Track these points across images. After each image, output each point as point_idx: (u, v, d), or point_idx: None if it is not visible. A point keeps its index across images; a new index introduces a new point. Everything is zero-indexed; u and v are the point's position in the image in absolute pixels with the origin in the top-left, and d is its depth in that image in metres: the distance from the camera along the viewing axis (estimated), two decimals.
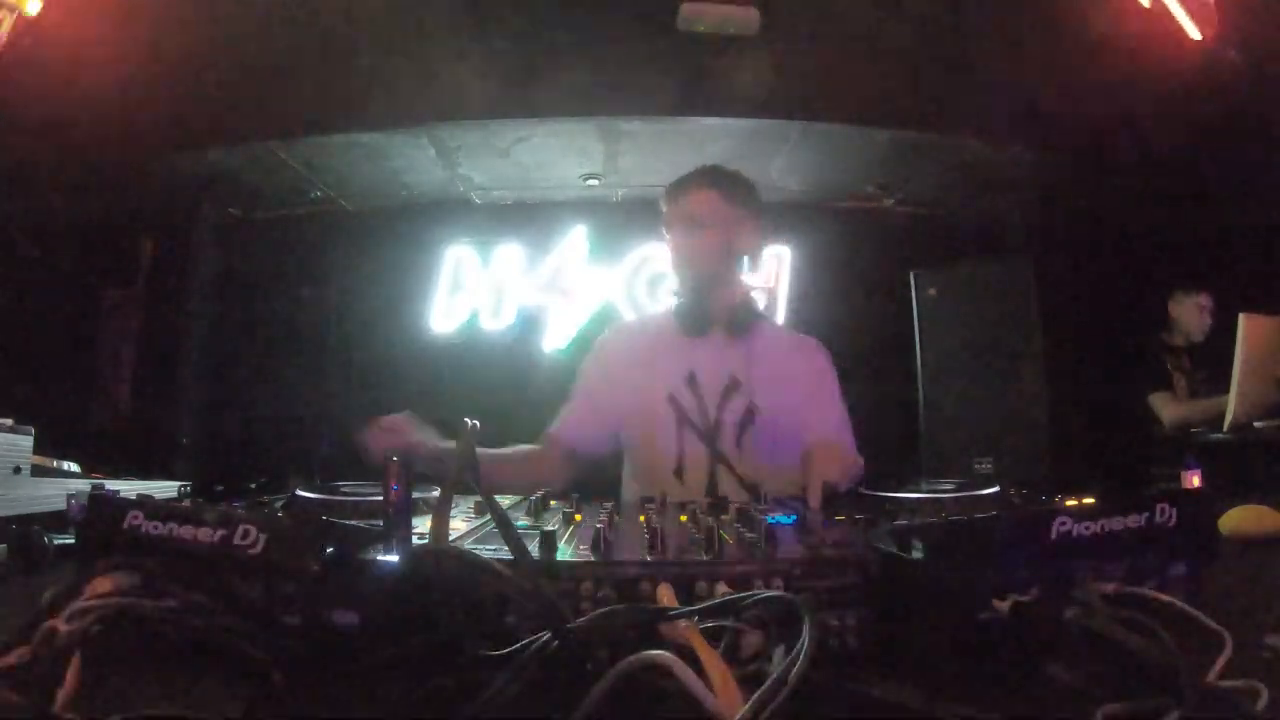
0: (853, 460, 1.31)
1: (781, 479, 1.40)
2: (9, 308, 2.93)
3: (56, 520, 0.99)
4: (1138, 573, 0.68)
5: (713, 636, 0.53)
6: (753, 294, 1.61)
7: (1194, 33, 2.09)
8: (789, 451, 1.45)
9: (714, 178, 1.52)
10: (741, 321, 1.49)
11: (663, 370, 1.49)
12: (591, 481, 1.59)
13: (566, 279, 3.64)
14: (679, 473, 1.46)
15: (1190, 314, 2.93)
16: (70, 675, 0.47)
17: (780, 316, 3.66)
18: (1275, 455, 2.08)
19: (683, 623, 0.53)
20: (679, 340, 1.51)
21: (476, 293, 3.66)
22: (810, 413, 1.49)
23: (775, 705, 0.40)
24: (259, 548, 0.62)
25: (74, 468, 1.14)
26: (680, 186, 1.52)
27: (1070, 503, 0.78)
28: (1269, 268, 2.65)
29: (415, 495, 0.61)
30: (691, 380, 1.47)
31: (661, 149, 3.12)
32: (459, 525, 0.80)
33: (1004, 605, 0.60)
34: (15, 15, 1.89)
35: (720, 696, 0.44)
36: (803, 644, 0.45)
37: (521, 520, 0.85)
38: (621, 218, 3.63)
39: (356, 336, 3.57)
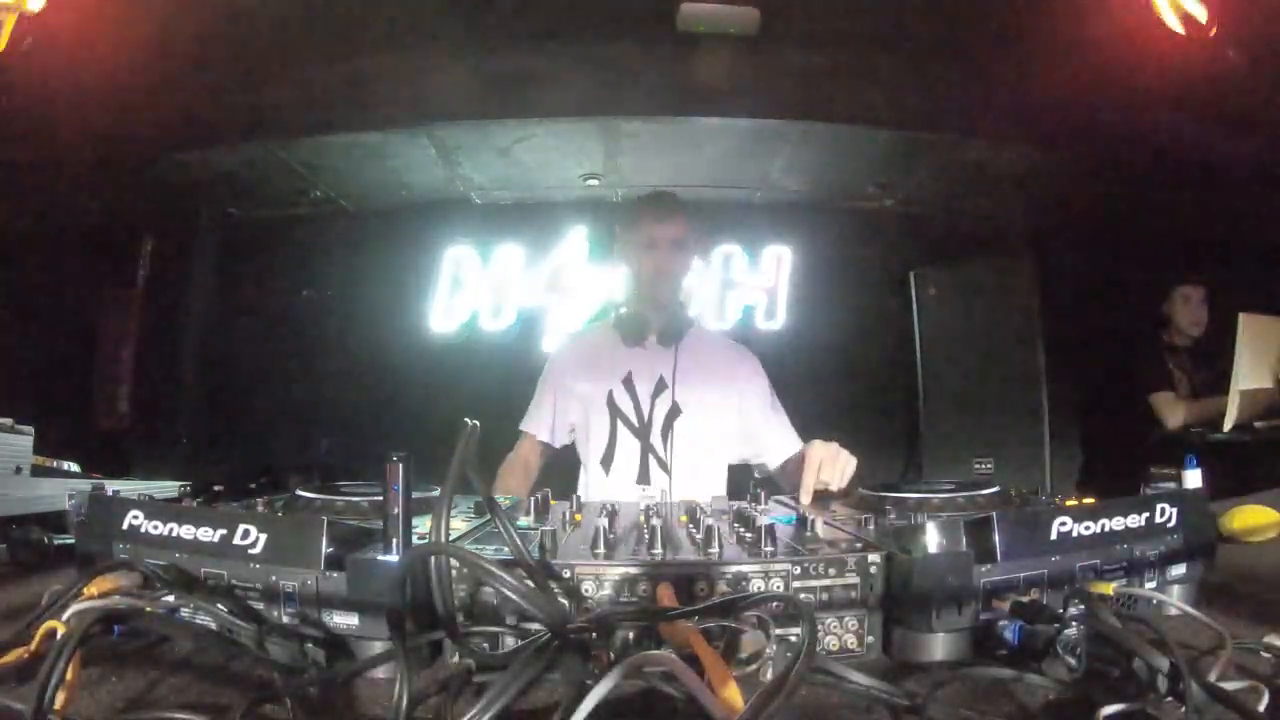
0: (846, 460, 1.34)
1: (698, 468, 1.65)
2: (9, 308, 2.93)
3: (56, 520, 0.99)
4: (1138, 573, 0.68)
5: (713, 636, 0.53)
6: (684, 305, 1.82)
7: (1193, 32, 2.09)
8: (706, 444, 1.67)
9: (679, 203, 1.77)
10: (673, 330, 1.70)
11: (604, 374, 1.72)
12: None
13: (566, 279, 3.63)
14: (605, 462, 1.66)
15: (1190, 314, 2.92)
16: (70, 675, 0.47)
17: (780, 316, 3.66)
18: (1275, 455, 2.08)
19: (683, 623, 0.53)
20: (619, 348, 1.73)
21: (476, 293, 3.65)
22: (762, 419, 1.69)
23: (775, 705, 0.40)
24: (259, 548, 0.63)
25: (74, 468, 1.15)
26: (661, 211, 1.73)
27: (1070, 503, 0.78)
28: (1269, 268, 2.65)
29: (415, 495, 0.60)
30: (629, 382, 1.70)
31: (661, 149, 3.11)
32: (459, 525, 0.80)
33: (1004, 605, 0.60)
34: (16, 15, 1.89)
35: (720, 696, 0.44)
36: (803, 644, 0.45)
37: (521, 520, 0.86)
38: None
39: (356, 336, 3.56)
